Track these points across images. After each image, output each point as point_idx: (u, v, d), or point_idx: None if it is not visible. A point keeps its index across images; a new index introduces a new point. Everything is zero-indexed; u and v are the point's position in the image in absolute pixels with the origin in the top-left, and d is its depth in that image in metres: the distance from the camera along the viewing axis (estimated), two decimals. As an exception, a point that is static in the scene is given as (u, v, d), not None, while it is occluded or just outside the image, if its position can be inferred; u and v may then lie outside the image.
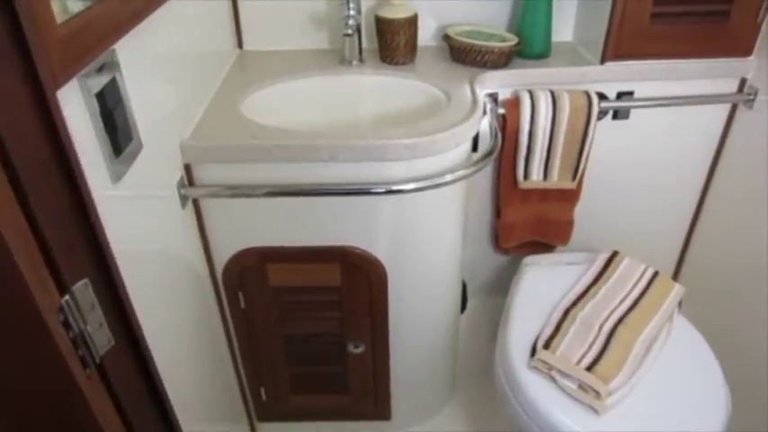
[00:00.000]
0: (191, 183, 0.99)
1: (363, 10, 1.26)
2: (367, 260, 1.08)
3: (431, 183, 0.97)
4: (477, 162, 1.01)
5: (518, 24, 1.28)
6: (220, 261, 1.09)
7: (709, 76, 1.23)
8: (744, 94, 1.24)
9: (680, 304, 1.15)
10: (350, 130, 1.23)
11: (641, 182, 1.38)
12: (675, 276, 1.56)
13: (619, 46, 1.19)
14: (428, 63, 1.27)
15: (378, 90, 1.24)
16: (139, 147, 0.78)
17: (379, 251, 1.08)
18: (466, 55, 1.23)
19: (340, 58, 1.27)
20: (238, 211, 1.04)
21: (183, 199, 0.96)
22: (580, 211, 1.34)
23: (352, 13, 1.19)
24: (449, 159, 1.02)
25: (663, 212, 1.45)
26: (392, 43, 1.23)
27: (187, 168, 0.98)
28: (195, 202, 1.02)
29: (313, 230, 1.06)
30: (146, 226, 0.81)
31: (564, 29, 1.33)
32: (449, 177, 0.98)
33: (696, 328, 1.12)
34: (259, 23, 1.31)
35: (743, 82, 1.25)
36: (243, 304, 1.14)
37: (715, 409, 0.97)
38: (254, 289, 1.12)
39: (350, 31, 1.18)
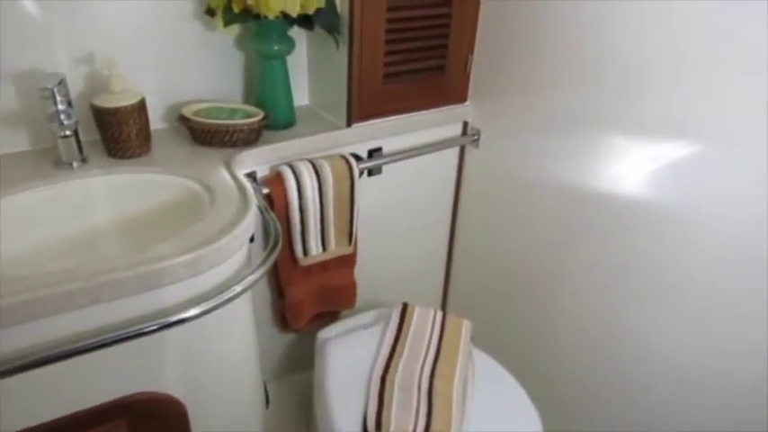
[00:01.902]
0: None
1: (73, 97, 1.04)
2: (160, 403, 0.88)
3: (220, 300, 0.82)
4: (265, 260, 0.91)
5: (257, 95, 1.21)
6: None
7: (439, 123, 1.36)
8: (469, 137, 1.39)
9: (472, 338, 1.22)
10: (97, 253, 1.01)
11: (403, 227, 1.45)
12: (444, 303, 1.68)
13: (361, 108, 1.22)
14: (168, 150, 1.11)
15: (116, 193, 1.03)
16: None
17: (172, 387, 0.90)
18: (212, 136, 1.11)
19: (54, 160, 1.03)
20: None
21: None
22: (356, 270, 1.34)
23: (61, 107, 0.97)
24: (232, 264, 0.89)
25: (425, 249, 1.55)
26: (121, 135, 1.04)
27: None
28: None
29: (80, 392, 0.82)
30: None
31: (299, 93, 1.32)
32: (239, 288, 0.84)
33: (486, 352, 1.22)
34: None
35: (466, 125, 1.40)
36: None
37: (533, 428, 1.05)
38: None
39: (67, 133, 0.95)
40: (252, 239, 1.05)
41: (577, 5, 1.06)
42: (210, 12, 1.11)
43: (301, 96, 1.33)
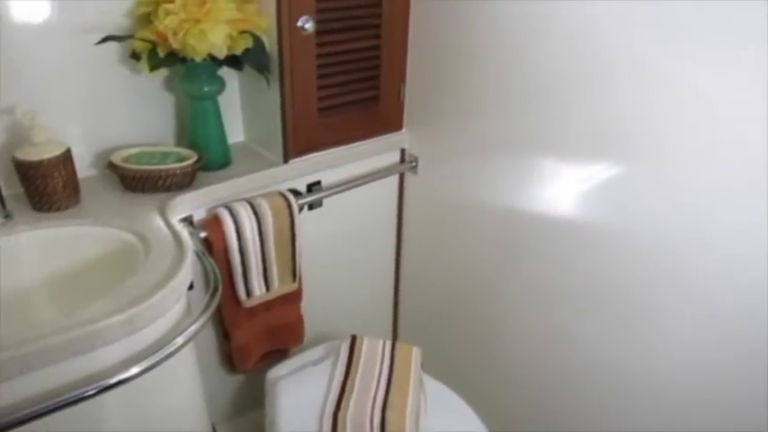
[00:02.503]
0: None
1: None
2: (101, 469, 0.85)
3: (161, 356, 0.81)
4: (206, 309, 0.89)
5: (190, 137, 1.19)
6: None
7: (377, 153, 1.37)
8: (407, 164, 1.41)
9: (422, 365, 1.23)
10: (27, 315, 0.96)
11: (348, 258, 1.45)
12: (394, 330, 1.69)
13: (297, 144, 1.22)
14: (99, 200, 1.07)
15: (44, 249, 0.99)
16: None
17: (115, 450, 0.87)
18: (144, 183, 1.08)
19: (-25, 218, 0.99)
20: None
21: None
22: (303, 305, 1.33)
23: (-21, 164, 0.93)
24: (171, 317, 0.87)
25: (372, 278, 1.56)
26: (46, 188, 1.00)
27: None
28: None
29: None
30: None
31: (234, 130, 1.30)
32: (180, 341, 0.83)
33: (436, 378, 1.23)
34: None
35: (403, 152, 1.42)
36: None
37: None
38: None
39: (-14, 193, 0.92)
40: (191, 287, 1.03)
41: (499, 33, 1.09)
42: (136, 56, 1.09)
43: (236, 133, 1.32)
